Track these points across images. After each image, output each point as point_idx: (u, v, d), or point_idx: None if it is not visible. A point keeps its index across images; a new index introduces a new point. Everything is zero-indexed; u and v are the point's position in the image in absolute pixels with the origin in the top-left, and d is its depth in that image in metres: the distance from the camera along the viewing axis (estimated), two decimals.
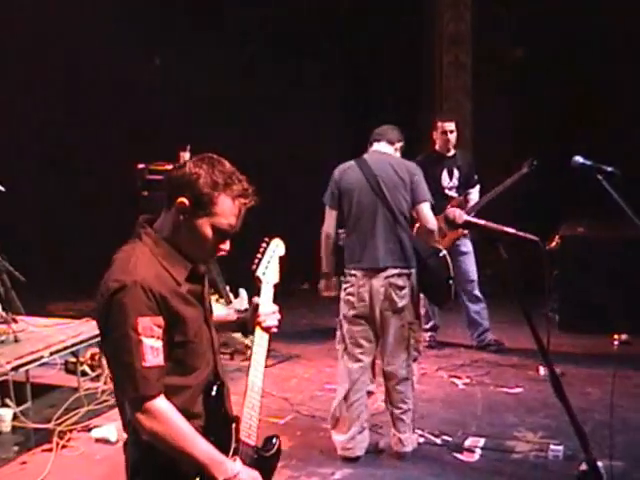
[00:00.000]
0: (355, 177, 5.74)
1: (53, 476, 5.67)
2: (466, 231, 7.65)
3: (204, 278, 3.09)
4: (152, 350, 2.76)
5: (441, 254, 5.86)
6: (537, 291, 4.11)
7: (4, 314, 7.27)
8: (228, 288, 8.33)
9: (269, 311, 3.22)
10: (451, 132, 7.95)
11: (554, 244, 8.93)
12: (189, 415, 2.88)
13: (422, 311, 8.08)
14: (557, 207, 9.10)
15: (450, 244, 7.73)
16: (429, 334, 8.38)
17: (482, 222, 3.40)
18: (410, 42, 11.58)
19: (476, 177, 8.19)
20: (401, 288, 5.63)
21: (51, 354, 6.87)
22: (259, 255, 3.25)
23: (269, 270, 3.26)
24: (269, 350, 3.18)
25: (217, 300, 8.07)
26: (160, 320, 2.79)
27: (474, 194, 8.17)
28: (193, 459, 2.80)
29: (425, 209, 5.75)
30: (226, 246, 2.95)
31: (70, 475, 5.74)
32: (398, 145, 5.94)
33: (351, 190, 5.73)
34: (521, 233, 3.32)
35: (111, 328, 2.78)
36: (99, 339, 2.98)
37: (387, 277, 5.61)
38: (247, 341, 8.21)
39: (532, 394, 7.10)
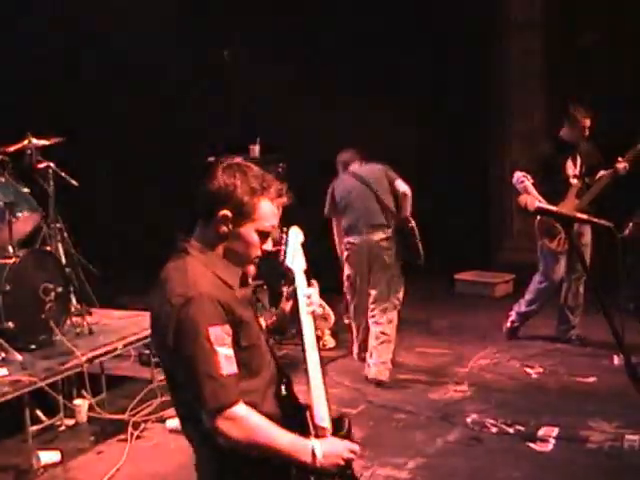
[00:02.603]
0: (350, 182, 7.46)
1: (129, 465, 5.78)
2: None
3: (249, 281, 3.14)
4: (226, 358, 2.79)
5: (410, 225, 7.25)
6: (611, 278, 4.05)
7: (79, 307, 7.39)
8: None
9: (308, 295, 3.27)
10: (589, 126, 7.82)
11: (627, 231, 8.77)
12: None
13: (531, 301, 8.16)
14: (631, 194, 8.92)
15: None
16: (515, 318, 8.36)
17: (554, 209, 3.38)
18: (478, 28, 11.42)
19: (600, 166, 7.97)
20: (388, 249, 7.27)
21: (125, 346, 6.96)
22: (283, 246, 3.31)
23: (296, 258, 3.33)
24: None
25: None
26: (228, 328, 2.83)
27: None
28: (280, 453, 2.83)
29: (399, 181, 7.38)
30: (268, 246, 3.02)
31: (146, 464, 5.85)
32: None
33: (348, 191, 7.42)
34: (595, 219, 3.28)
35: (184, 342, 2.79)
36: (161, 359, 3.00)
37: (377, 241, 7.26)
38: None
39: (607, 384, 6.98)
